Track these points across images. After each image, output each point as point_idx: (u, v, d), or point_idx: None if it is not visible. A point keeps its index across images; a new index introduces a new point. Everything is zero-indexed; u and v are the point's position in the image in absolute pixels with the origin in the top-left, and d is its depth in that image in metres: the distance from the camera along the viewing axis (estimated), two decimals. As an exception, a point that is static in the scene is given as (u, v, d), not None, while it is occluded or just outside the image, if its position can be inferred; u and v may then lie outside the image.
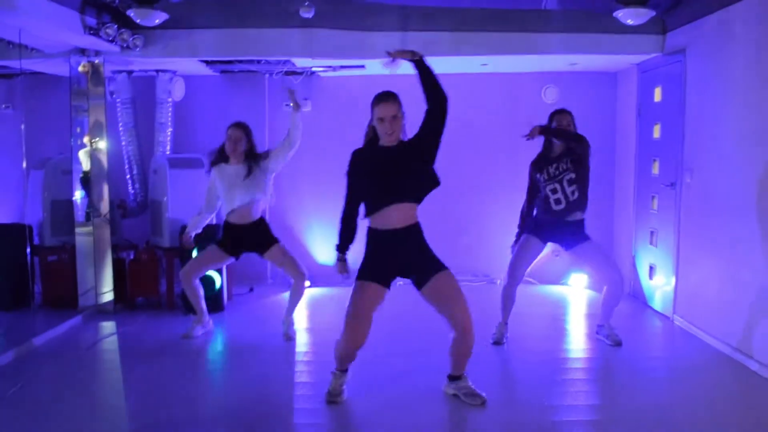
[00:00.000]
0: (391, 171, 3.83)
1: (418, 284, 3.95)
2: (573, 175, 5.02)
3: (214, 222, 6.49)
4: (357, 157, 3.96)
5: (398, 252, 3.90)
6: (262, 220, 5.40)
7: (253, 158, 5.22)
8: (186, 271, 5.38)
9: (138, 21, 5.07)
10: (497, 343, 5.27)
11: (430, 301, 3.97)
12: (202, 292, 5.47)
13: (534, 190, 5.23)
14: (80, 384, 4.54)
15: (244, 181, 5.15)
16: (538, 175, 5.11)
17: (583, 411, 4.07)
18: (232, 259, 5.44)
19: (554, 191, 5.04)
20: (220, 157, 5.24)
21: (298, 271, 5.39)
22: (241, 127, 5.23)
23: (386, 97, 3.89)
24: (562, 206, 5.04)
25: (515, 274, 5.21)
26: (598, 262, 5.17)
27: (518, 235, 5.29)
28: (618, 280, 5.13)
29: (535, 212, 5.25)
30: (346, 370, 4.13)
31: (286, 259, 5.40)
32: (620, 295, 5.21)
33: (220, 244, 5.36)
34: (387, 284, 3.95)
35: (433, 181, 3.87)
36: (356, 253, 4.05)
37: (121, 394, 4.44)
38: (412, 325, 5.64)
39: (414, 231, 3.92)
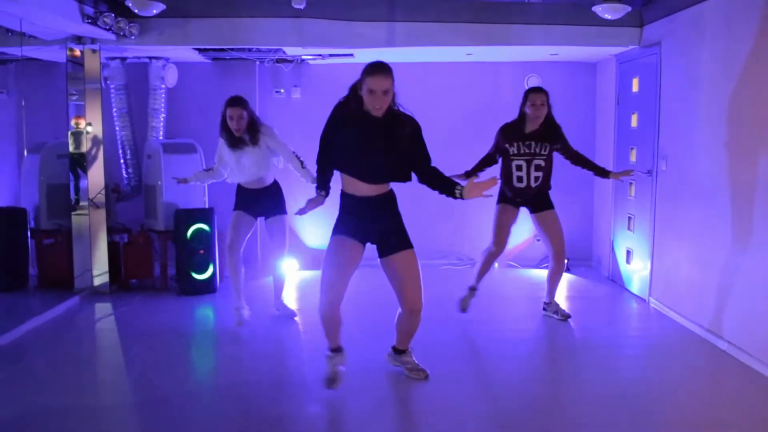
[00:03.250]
0: (369, 146, 3.77)
1: (381, 252, 3.95)
2: (542, 163, 5.27)
3: (207, 206, 6.69)
4: (340, 114, 3.86)
5: (369, 216, 3.88)
6: (275, 184, 5.54)
7: (256, 130, 5.24)
8: (230, 245, 5.37)
9: (136, 11, 5.21)
10: (463, 310, 5.56)
11: (387, 274, 3.98)
12: (243, 273, 5.54)
13: (492, 157, 5.40)
14: (80, 361, 4.72)
15: (251, 155, 5.22)
16: (506, 145, 5.27)
17: (562, 385, 4.32)
18: (254, 221, 5.47)
19: (519, 168, 5.26)
20: (227, 133, 5.25)
21: (283, 246, 5.52)
22: (239, 103, 5.20)
23: (381, 69, 3.72)
24: (522, 185, 5.30)
25: (500, 239, 5.46)
26: (555, 231, 5.44)
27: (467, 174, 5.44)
28: (563, 257, 5.49)
29: (499, 182, 5.39)
30: (338, 350, 4.11)
31: (280, 232, 5.52)
32: (562, 271, 5.60)
33: (237, 208, 5.41)
34: (362, 242, 3.93)
35: (405, 176, 3.87)
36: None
37: (120, 371, 4.59)
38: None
39: (386, 199, 3.91)
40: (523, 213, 5.53)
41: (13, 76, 7.11)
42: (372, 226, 3.91)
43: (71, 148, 6.23)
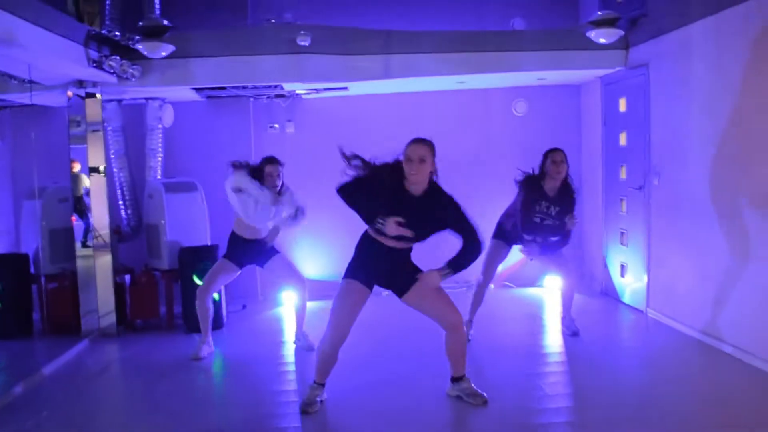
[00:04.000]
0: (407, 221, 3.86)
1: (400, 293, 4.16)
2: (551, 223, 5.44)
3: (210, 243, 6.71)
4: (383, 177, 3.93)
5: (386, 264, 4.08)
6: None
7: (281, 194, 5.45)
8: (203, 288, 5.55)
9: (146, 54, 5.28)
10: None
11: (415, 307, 4.17)
12: (212, 312, 5.66)
13: (524, 210, 5.46)
14: (103, 404, 4.73)
15: (270, 208, 5.35)
16: (535, 205, 5.40)
17: (566, 397, 4.46)
18: (240, 271, 5.62)
19: (542, 220, 5.48)
20: (258, 176, 5.34)
21: (300, 280, 5.65)
22: (278, 162, 5.43)
23: (420, 140, 3.93)
24: (536, 240, 5.49)
25: (489, 272, 5.74)
26: (555, 257, 5.69)
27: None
28: (573, 277, 5.77)
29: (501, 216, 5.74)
30: (323, 384, 4.28)
31: (288, 271, 5.66)
32: (576, 287, 5.86)
33: (227, 257, 5.56)
34: (370, 287, 4.12)
35: (430, 236, 4.05)
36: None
37: (141, 414, 4.54)
38: (405, 331, 5.95)
39: (409, 251, 4.15)
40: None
41: (8, 122, 7.09)
42: (387, 272, 4.12)
43: (75, 191, 6.21)
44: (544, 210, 5.40)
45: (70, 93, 6.07)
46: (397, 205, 3.89)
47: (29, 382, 5.01)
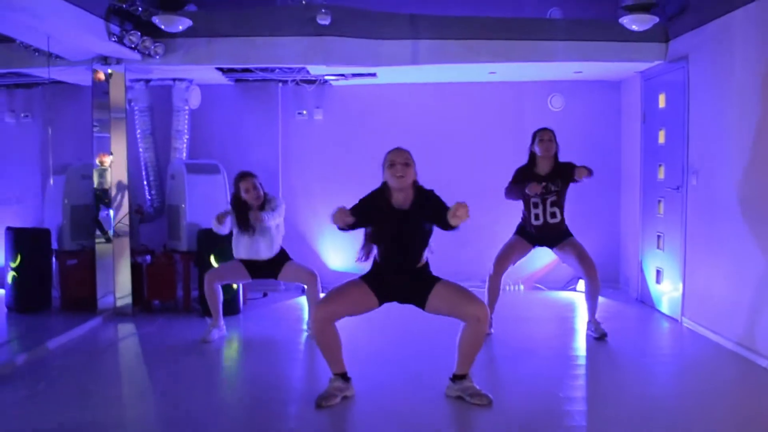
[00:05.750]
0: (403, 236, 3.96)
1: (420, 304, 4.06)
2: (554, 198, 5.37)
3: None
4: (368, 204, 4.01)
5: (399, 285, 4.04)
6: (281, 252, 5.60)
7: (266, 204, 5.43)
8: (210, 275, 5.52)
9: (162, 27, 5.23)
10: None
11: (438, 312, 4.04)
12: (221, 296, 5.58)
13: (516, 190, 5.38)
14: (104, 379, 4.68)
15: (257, 234, 5.41)
16: (526, 190, 5.31)
17: (591, 403, 4.18)
18: (249, 279, 5.61)
19: (536, 206, 5.38)
20: (239, 207, 5.39)
21: (310, 274, 5.53)
22: (251, 175, 5.42)
23: (400, 148, 4.00)
24: (540, 222, 5.41)
25: (501, 265, 5.53)
26: (579, 255, 5.46)
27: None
28: (596, 275, 5.47)
29: (522, 216, 5.58)
30: (342, 376, 4.09)
31: (298, 273, 5.57)
32: (599, 287, 5.54)
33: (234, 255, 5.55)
34: (380, 300, 4.05)
35: (429, 237, 4.02)
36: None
37: (145, 388, 4.55)
38: (414, 331, 5.75)
39: (422, 269, 4.07)
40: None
41: (38, 99, 7.19)
42: (398, 293, 4.07)
43: (96, 184, 6.23)
44: (541, 190, 5.29)
45: (102, 74, 6.07)
46: (388, 223, 3.94)
47: (33, 354, 5.01)
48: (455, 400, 4.09)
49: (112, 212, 6.19)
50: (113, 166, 6.18)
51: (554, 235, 5.49)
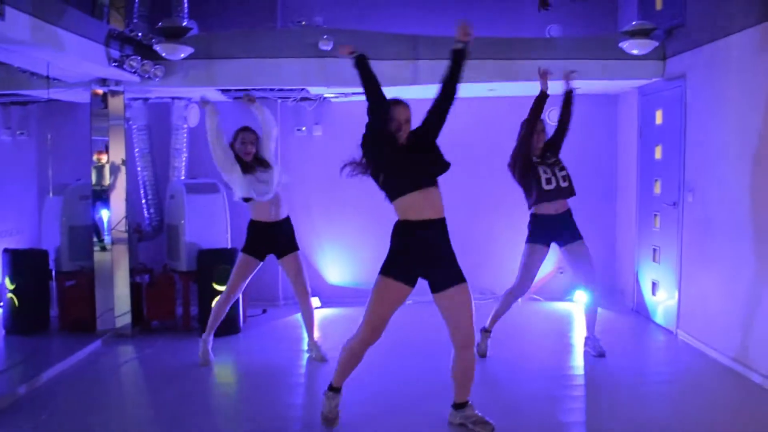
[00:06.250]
0: (410, 161, 3.92)
1: (435, 288, 3.93)
2: (559, 165, 5.39)
3: (229, 246, 6.63)
4: (377, 134, 4.02)
5: (427, 247, 3.88)
6: (287, 220, 5.51)
7: (258, 162, 5.37)
8: (231, 290, 5.41)
9: (164, 55, 5.21)
10: (482, 355, 5.48)
11: (441, 308, 3.96)
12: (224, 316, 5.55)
13: (527, 158, 5.35)
14: (107, 409, 4.66)
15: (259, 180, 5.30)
16: (533, 158, 5.33)
17: (589, 422, 4.24)
18: (260, 263, 5.45)
19: (545, 172, 5.30)
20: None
21: (304, 288, 5.46)
22: (253, 131, 5.40)
23: (402, 103, 4.07)
24: (552, 186, 5.29)
25: (525, 279, 5.41)
26: (584, 264, 5.42)
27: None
28: (595, 287, 5.45)
29: (530, 211, 5.45)
30: (339, 391, 4.12)
31: (299, 272, 5.47)
32: (598, 302, 5.55)
33: (245, 250, 5.40)
34: (412, 283, 3.91)
35: (444, 163, 3.98)
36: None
37: (148, 415, 4.55)
38: (414, 350, 5.79)
39: (443, 226, 3.92)
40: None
41: (34, 117, 7.13)
42: (426, 261, 3.90)
43: (94, 183, 6.19)
44: (546, 161, 5.35)
45: (99, 91, 6.03)
46: (396, 155, 3.94)
47: (34, 382, 4.98)
48: (458, 427, 4.13)
49: (107, 212, 6.15)
50: (109, 162, 6.13)
51: (567, 226, 5.38)
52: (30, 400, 4.68)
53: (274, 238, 5.42)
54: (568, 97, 5.49)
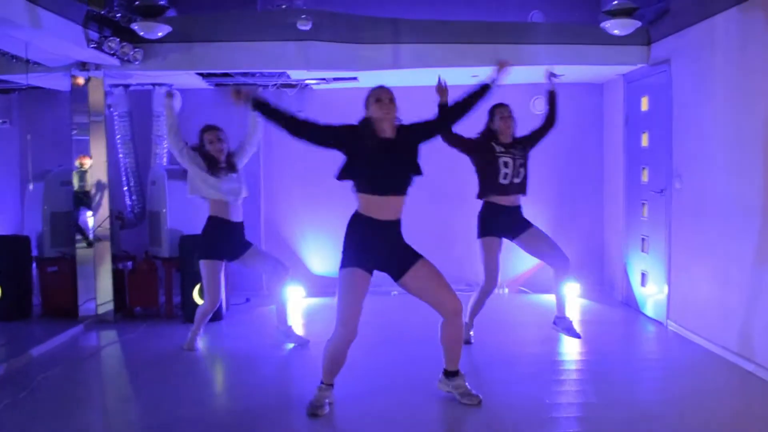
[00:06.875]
0: (390, 162, 3.87)
1: (397, 275, 3.94)
2: (522, 161, 5.25)
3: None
4: (353, 133, 3.96)
5: (383, 243, 3.88)
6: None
7: (231, 157, 5.30)
8: (213, 301, 5.31)
9: (142, 34, 5.18)
10: (466, 342, 5.38)
11: (412, 292, 3.95)
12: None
13: (476, 145, 5.26)
14: (87, 388, 4.65)
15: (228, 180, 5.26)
16: (492, 143, 5.20)
17: (578, 409, 4.15)
18: (224, 262, 5.37)
19: (506, 165, 5.16)
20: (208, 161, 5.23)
21: (280, 265, 5.37)
22: (216, 128, 5.31)
23: (384, 87, 4.04)
24: (506, 181, 5.18)
25: (493, 275, 5.31)
26: (545, 243, 5.28)
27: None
28: (565, 264, 5.26)
29: (480, 207, 5.36)
30: (332, 385, 4.08)
31: (265, 258, 5.41)
32: (568, 276, 5.38)
33: (205, 257, 5.27)
34: (370, 272, 3.90)
35: (418, 170, 3.93)
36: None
37: (128, 397, 4.53)
38: (403, 334, 5.77)
39: (399, 224, 3.94)
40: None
41: (16, 105, 7.10)
42: (382, 253, 3.91)
43: (75, 187, 6.17)
44: (512, 150, 5.19)
45: (81, 80, 5.99)
46: (375, 151, 3.88)
47: (14, 363, 4.96)
48: (445, 402, 4.13)
49: (91, 214, 6.13)
50: (93, 167, 6.11)
51: (515, 220, 5.27)
52: (9, 379, 4.66)
53: (230, 241, 5.32)
54: (552, 97, 5.44)
